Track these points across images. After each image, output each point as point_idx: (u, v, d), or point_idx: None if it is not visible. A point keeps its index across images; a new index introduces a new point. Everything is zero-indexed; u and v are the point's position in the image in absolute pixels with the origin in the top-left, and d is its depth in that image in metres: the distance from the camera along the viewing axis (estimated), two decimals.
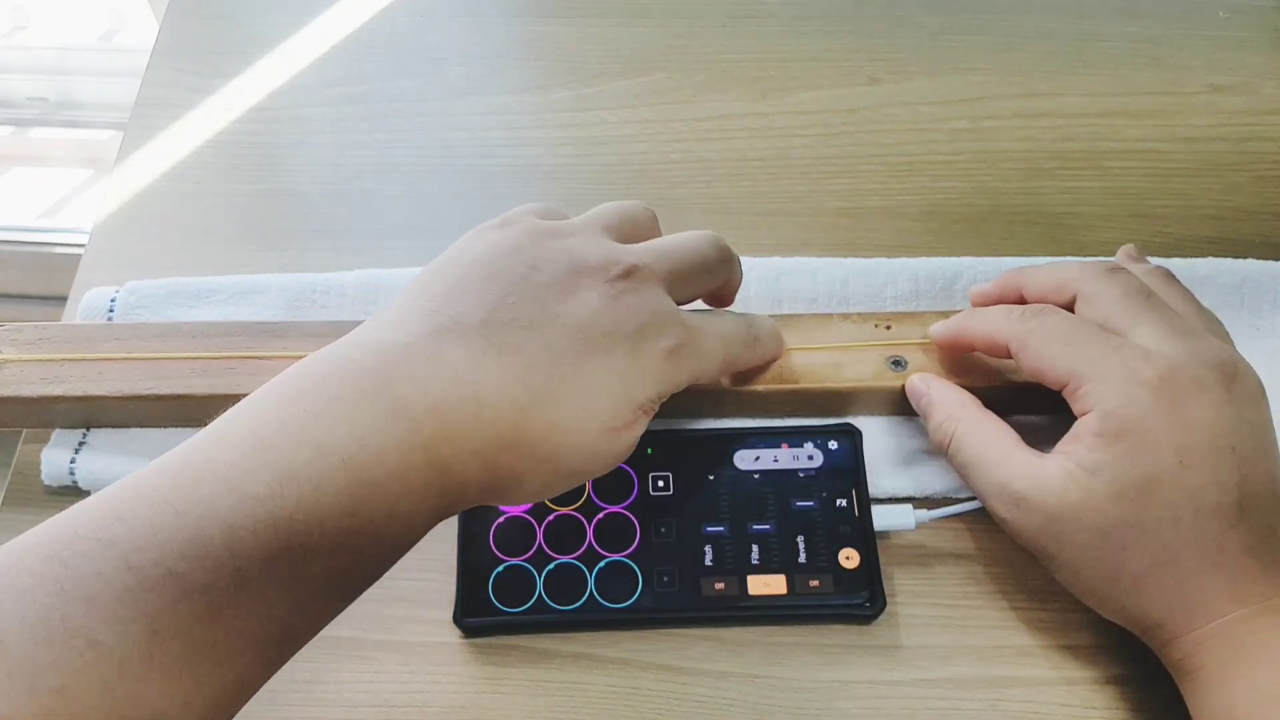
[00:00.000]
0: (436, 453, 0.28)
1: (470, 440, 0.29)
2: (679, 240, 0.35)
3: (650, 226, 0.37)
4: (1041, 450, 0.34)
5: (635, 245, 0.34)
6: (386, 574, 0.38)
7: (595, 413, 0.31)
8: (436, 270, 0.32)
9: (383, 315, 0.31)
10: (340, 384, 0.28)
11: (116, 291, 0.43)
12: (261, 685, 0.27)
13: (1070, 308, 0.36)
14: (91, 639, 0.23)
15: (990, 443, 0.35)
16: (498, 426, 0.29)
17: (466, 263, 0.32)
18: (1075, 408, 0.33)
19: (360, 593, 0.29)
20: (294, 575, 0.26)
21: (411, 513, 0.28)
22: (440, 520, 0.30)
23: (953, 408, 0.36)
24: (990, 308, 0.38)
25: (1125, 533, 0.32)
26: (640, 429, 0.32)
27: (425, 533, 0.29)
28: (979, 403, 0.37)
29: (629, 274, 0.32)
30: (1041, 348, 0.34)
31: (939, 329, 0.38)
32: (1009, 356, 0.36)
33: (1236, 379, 0.33)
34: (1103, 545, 0.32)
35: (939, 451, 0.37)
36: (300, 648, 0.28)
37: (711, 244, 0.36)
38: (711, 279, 0.37)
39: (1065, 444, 0.33)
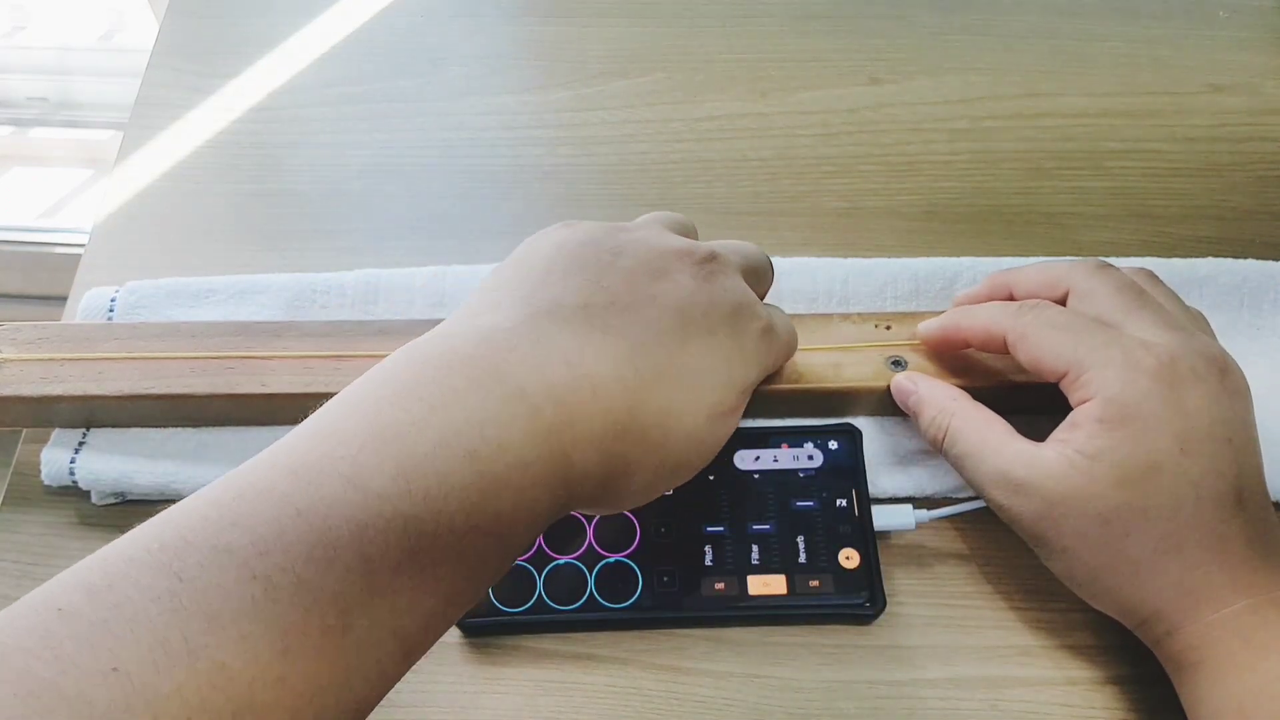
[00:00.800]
0: (557, 441, 0.27)
1: (588, 425, 0.27)
2: (736, 241, 0.36)
3: (696, 234, 0.37)
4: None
5: (704, 241, 0.34)
6: None
7: (703, 395, 0.30)
8: (514, 265, 0.31)
9: (469, 306, 0.30)
10: (450, 373, 0.26)
11: (116, 291, 0.43)
12: (376, 706, 0.25)
13: (1062, 305, 0.36)
14: (216, 661, 0.20)
15: (985, 432, 0.35)
16: (613, 411, 0.28)
17: (546, 254, 0.31)
18: (1074, 397, 0.34)
19: (477, 601, 0.27)
20: (423, 579, 0.24)
21: (534, 508, 0.27)
22: (558, 518, 0.28)
23: (944, 401, 0.36)
24: (983, 304, 0.38)
25: (1127, 519, 0.32)
26: (739, 415, 0.32)
27: (543, 531, 0.28)
28: (969, 396, 0.37)
29: (713, 258, 0.32)
30: (1041, 338, 0.34)
31: (928, 327, 0.39)
32: (1004, 351, 0.36)
33: (1228, 373, 0.33)
34: (1103, 531, 0.32)
35: (932, 447, 0.37)
36: (415, 663, 0.26)
37: (761, 250, 0.37)
38: (764, 282, 0.37)
39: (1062, 432, 0.33)
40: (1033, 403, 0.36)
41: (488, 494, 0.25)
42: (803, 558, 0.37)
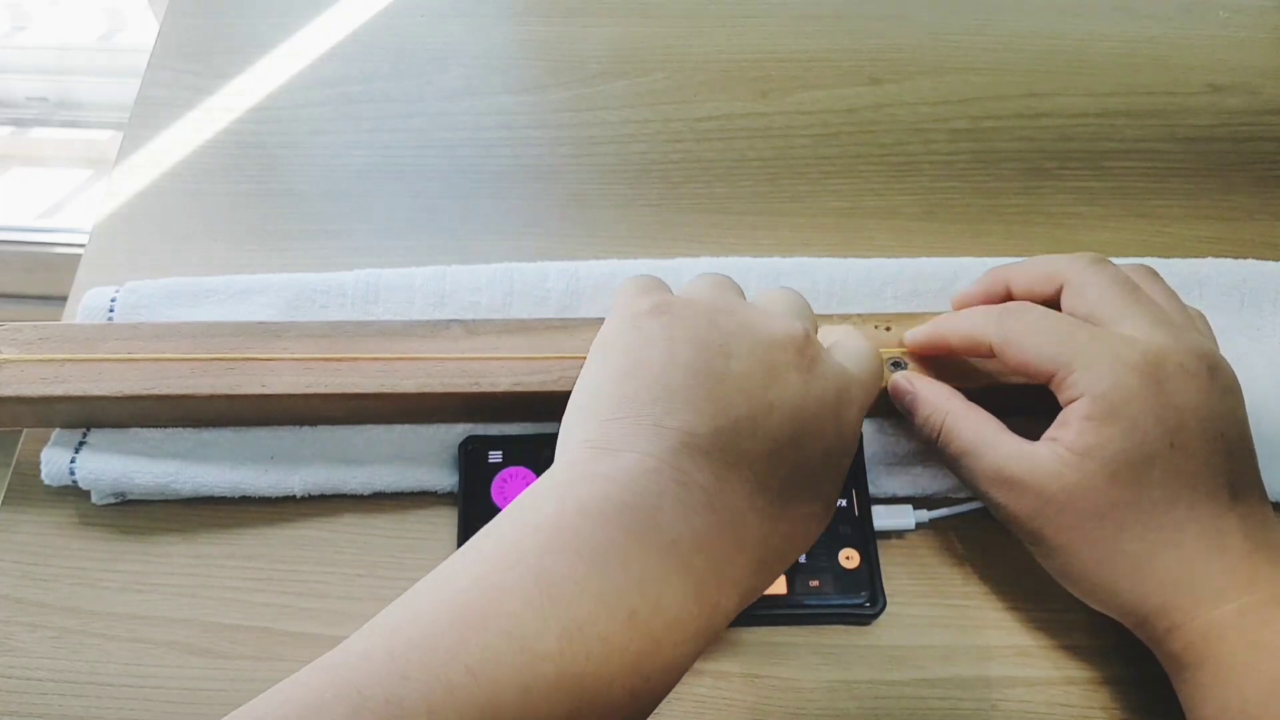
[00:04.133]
0: (706, 593, 0.27)
1: (732, 570, 0.28)
2: (787, 295, 0.34)
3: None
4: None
5: (771, 306, 0.33)
6: (390, 576, 0.38)
7: (820, 501, 0.31)
8: (622, 375, 0.30)
9: (594, 429, 0.29)
10: (608, 524, 0.26)
11: (116, 291, 0.43)
12: None
13: (1056, 299, 0.36)
14: None
15: (980, 431, 0.35)
16: (751, 549, 0.28)
17: (655, 363, 0.30)
18: (1062, 396, 0.34)
19: None
20: None
21: (683, 664, 0.27)
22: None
23: (939, 400, 0.36)
24: (967, 310, 0.38)
25: (1122, 514, 0.32)
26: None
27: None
28: (964, 397, 0.37)
29: (809, 342, 0.31)
30: (1026, 341, 0.34)
31: (915, 335, 0.39)
32: (991, 356, 0.36)
33: (1218, 370, 0.33)
34: (1097, 527, 0.32)
35: (927, 445, 0.37)
36: None
37: (798, 294, 0.35)
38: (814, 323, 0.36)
39: (1053, 430, 0.34)
40: (1029, 403, 0.36)
41: (645, 654, 0.25)
42: (803, 557, 0.37)
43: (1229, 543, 0.31)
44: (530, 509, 0.27)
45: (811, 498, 0.30)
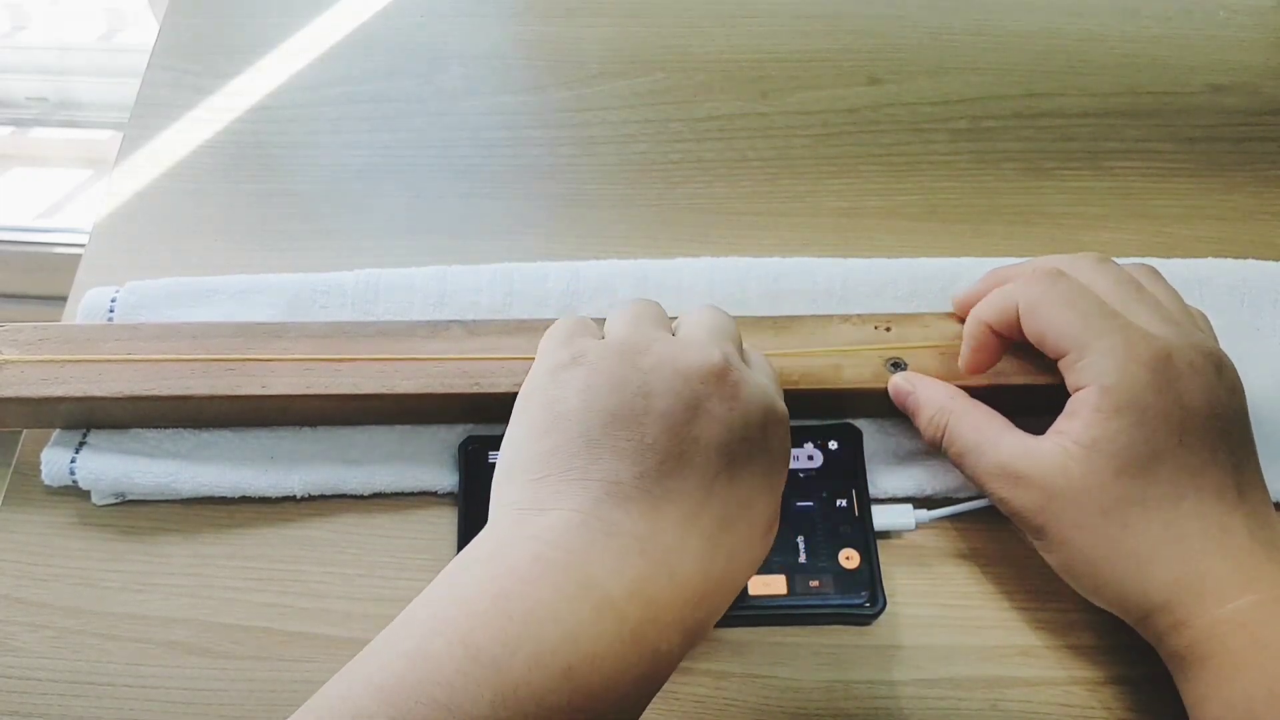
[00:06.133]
0: (645, 642, 0.27)
1: (670, 613, 0.27)
2: (709, 318, 0.34)
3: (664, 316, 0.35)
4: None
5: (691, 334, 0.32)
6: (389, 576, 0.38)
7: (759, 520, 0.30)
8: (543, 432, 0.30)
9: (518, 492, 0.29)
10: (538, 585, 0.26)
11: (117, 291, 0.43)
12: None
13: None
14: None
15: (983, 428, 0.35)
16: (690, 587, 0.28)
17: (574, 415, 0.29)
18: (1070, 380, 0.34)
19: None
20: None
21: (632, 711, 0.27)
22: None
23: (942, 401, 0.36)
24: (1012, 268, 0.37)
25: (1127, 510, 0.32)
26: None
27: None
28: (966, 395, 0.37)
29: (728, 368, 0.30)
30: (1052, 313, 0.34)
31: (966, 359, 0.38)
32: (1015, 321, 0.35)
33: (1223, 369, 0.33)
34: (1103, 522, 0.32)
35: (931, 446, 0.37)
36: None
37: (721, 311, 0.35)
38: (737, 339, 0.35)
39: (1060, 423, 0.34)
40: (1030, 403, 0.36)
41: (584, 710, 0.25)
42: (803, 558, 0.37)
43: (1234, 541, 0.31)
44: (460, 577, 0.27)
45: (750, 521, 0.30)
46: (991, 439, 0.35)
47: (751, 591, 0.36)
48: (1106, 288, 0.35)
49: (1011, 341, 0.37)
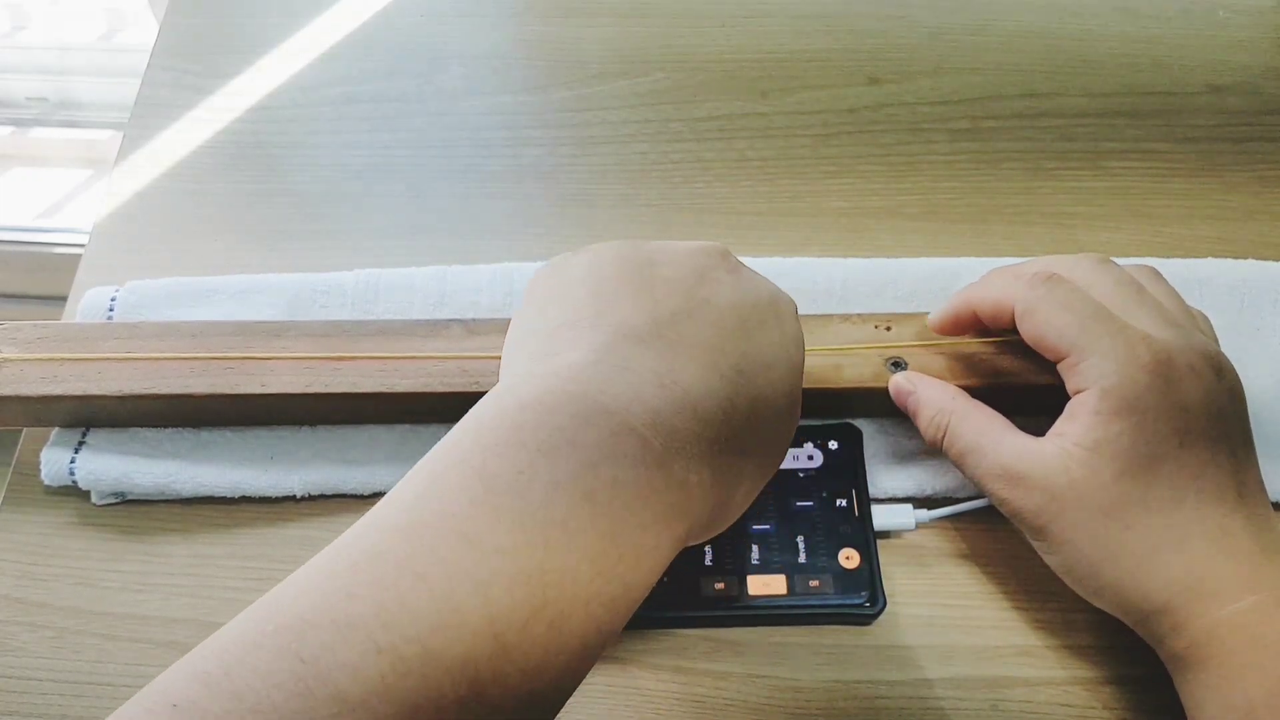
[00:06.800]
0: (669, 469, 0.26)
1: (696, 447, 0.27)
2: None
3: None
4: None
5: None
6: None
7: (779, 383, 0.30)
8: (555, 296, 0.30)
9: (533, 350, 0.29)
10: (553, 413, 0.25)
11: (116, 291, 0.43)
12: None
13: None
14: None
15: (984, 428, 0.35)
16: (713, 424, 0.27)
17: (584, 279, 0.30)
18: (1070, 383, 0.34)
19: (604, 649, 0.25)
20: (551, 636, 0.23)
21: (658, 545, 0.25)
22: (679, 550, 0.27)
23: (943, 401, 0.36)
24: (1000, 270, 0.37)
25: (1128, 511, 0.32)
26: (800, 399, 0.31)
27: (666, 566, 0.26)
28: (967, 395, 0.37)
29: (726, 253, 0.32)
30: (1050, 316, 0.34)
31: (935, 315, 0.38)
32: (1010, 324, 0.35)
33: (1224, 371, 0.33)
34: (1104, 524, 0.32)
35: (932, 446, 0.37)
36: None
37: None
38: None
39: (1059, 425, 0.34)
40: (1031, 404, 0.36)
41: (608, 536, 0.24)
42: (803, 557, 0.37)
43: (1235, 543, 0.31)
44: (471, 417, 0.26)
45: (772, 384, 0.29)
46: (993, 440, 0.35)
47: (751, 591, 0.36)
48: (1107, 289, 0.35)
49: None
